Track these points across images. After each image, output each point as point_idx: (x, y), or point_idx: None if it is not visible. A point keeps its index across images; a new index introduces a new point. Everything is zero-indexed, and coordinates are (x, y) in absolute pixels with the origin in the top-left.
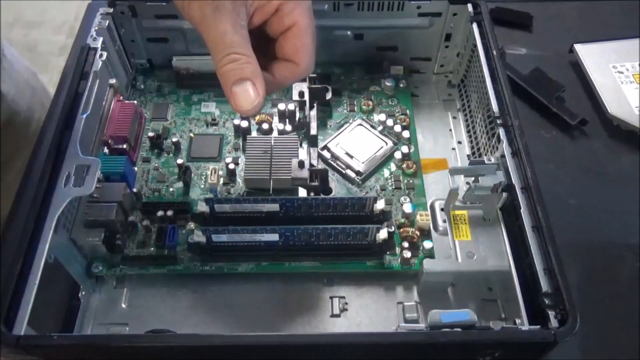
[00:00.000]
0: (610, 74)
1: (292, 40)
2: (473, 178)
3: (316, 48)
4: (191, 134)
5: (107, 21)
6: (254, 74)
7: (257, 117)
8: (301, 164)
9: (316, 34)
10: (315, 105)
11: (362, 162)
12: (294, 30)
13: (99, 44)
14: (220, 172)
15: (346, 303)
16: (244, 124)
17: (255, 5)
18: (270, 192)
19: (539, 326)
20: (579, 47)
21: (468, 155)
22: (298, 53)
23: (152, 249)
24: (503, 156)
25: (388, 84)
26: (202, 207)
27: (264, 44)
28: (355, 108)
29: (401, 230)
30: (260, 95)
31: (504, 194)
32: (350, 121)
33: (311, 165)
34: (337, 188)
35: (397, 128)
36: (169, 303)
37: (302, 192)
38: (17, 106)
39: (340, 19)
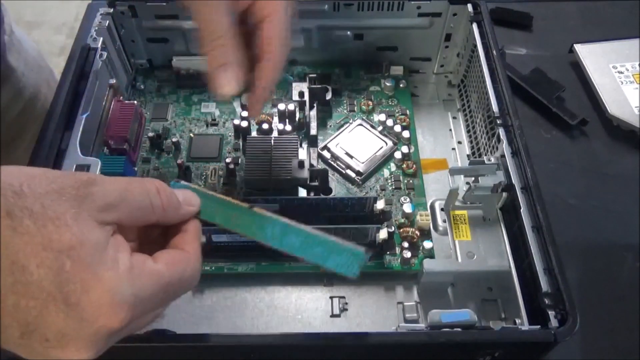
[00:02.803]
0: (610, 74)
1: (265, 31)
2: (473, 178)
3: (288, 45)
4: (191, 134)
5: (107, 21)
6: (234, 59)
7: (257, 118)
8: (301, 164)
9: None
10: (315, 105)
11: (362, 162)
12: (267, 21)
13: (99, 44)
14: (220, 173)
15: (346, 303)
16: (244, 124)
17: None
18: (270, 192)
19: (539, 326)
20: (578, 47)
21: (468, 155)
22: (269, 43)
23: None
24: (503, 156)
25: (388, 84)
26: None
27: (249, 38)
28: (355, 108)
29: (401, 230)
30: (238, 80)
31: (504, 194)
32: (350, 121)
33: (311, 165)
34: (337, 188)
35: (397, 128)
36: None
37: (302, 192)
38: (26, 80)
39: (340, 19)
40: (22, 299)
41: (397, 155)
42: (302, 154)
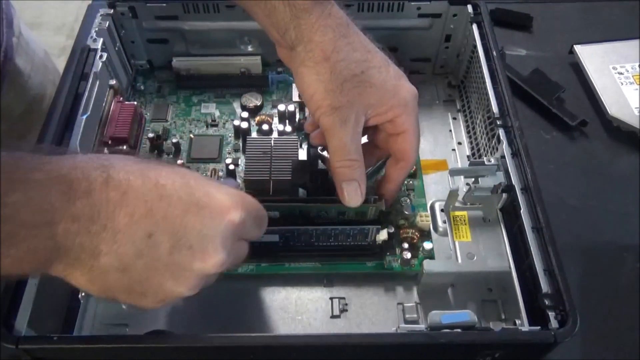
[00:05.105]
0: (610, 75)
1: (401, 144)
2: (473, 179)
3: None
4: (191, 135)
5: (107, 22)
6: (360, 177)
7: (258, 118)
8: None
9: None
10: None
11: None
12: (403, 136)
13: (99, 45)
14: (220, 173)
15: (346, 304)
16: (244, 125)
17: (373, 114)
18: (270, 193)
19: (539, 327)
20: (578, 48)
21: (468, 156)
22: (406, 153)
23: None
24: (503, 157)
25: None
26: None
27: (372, 132)
28: None
29: (401, 231)
30: (362, 193)
31: (504, 195)
32: None
33: (311, 166)
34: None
35: None
36: None
37: (302, 193)
38: (32, 82)
39: None
40: (169, 208)
41: None
42: (302, 154)
